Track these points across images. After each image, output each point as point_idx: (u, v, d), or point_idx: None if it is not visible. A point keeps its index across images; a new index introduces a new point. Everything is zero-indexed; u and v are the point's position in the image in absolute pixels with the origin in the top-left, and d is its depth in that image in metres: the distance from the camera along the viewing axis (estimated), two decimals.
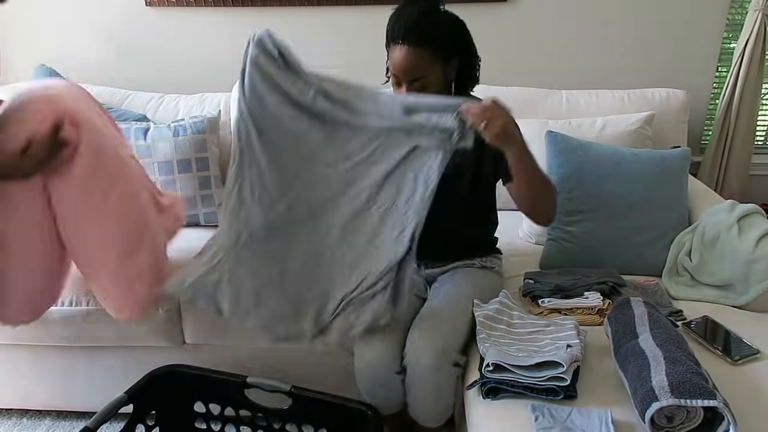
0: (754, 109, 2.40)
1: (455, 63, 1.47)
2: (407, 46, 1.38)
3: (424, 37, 1.38)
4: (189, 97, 2.33)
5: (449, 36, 1.42)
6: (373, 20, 2.37)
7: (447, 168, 1.44)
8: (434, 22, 1.40)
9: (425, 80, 1.41)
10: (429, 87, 1.42)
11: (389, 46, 1.44)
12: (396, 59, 1.41)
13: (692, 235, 1.77)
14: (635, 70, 2.42)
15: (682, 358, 1.14)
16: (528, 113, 2.15)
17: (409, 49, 1.38)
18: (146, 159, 2.04)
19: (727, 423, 1.02)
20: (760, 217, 1.72)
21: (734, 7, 2.40)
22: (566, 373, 1.20)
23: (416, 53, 1.38)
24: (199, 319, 1.73)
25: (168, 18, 2.44)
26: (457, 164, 1.55)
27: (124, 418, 1.57)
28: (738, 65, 2.33)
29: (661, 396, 1.05)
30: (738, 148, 2.43)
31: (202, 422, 1.67)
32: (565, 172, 1.86)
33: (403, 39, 1.38)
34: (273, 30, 1.41)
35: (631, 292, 1.60)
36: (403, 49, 1.39)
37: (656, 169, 1.85)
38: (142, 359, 1.76)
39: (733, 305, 1.57)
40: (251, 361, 1.76)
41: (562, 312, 1.54)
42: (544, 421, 1.15)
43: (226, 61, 2.48)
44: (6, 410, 1.95)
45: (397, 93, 1.46)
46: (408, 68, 1.40)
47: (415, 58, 1.39)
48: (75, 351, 1.80)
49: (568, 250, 1.82)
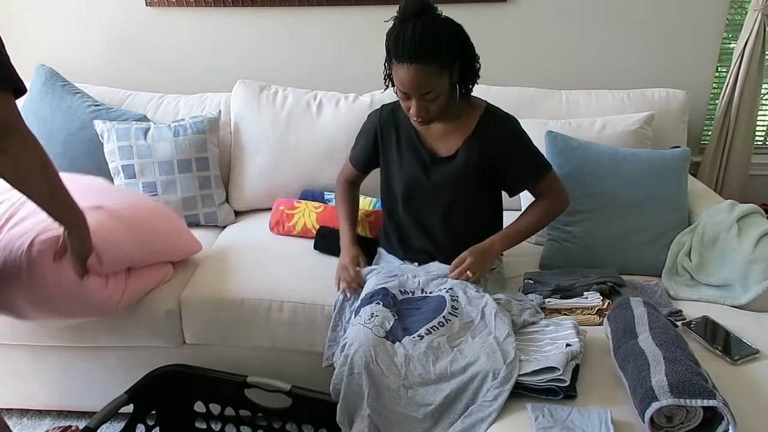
0: (753, 109, 2.40)
1: (458, 66, 1.48)
2: (414, 64, 1.38)
3: (430, 54, 1.38)
4: (189, 97, 2.33)
5: (451, 45, 1.43)
6: (373, 20, 2.38)
7: (454, 173, 1.58)
8: (437, 38, 1.39)
9: (435, 92, 1.43)
10: (439, 96, 1.44)
11: (392, 62, 1.43)
12: (404, 78, 1.40)
13: (692, 235, 1.77)
14: (635, 70, 2.42)
15: (682, 357, 1.14)
16: (528, 113, 2.15)
17: (417, 68, 1.38)
18: (146, 159, 2.04)
19: (726, 423, 1.02)
20: (759, 217, 1.72)
21: (734, 7, 2.40)
22: (564, 373, 1.20)
23: (424, 70, 1.39)
24: (199, 319, 1.73)
25: (168, 18, 2.44)
26: (463, 171, 1.56)
27: (125, 418, 1.57)
28: (738, 65, 2.33)
29: (660, 396, 1.05)
30: (738, 148, 2.43)
31: (202, 422, 1.67)
32: (565, 172, 1.86)
33: (410, 58, 1.37)
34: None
35: (631, 292, 1.60)
36: (411, 68, 1.38)
37: (656, 169, 1.86)
38: (142, 359, 1.76)
39: (733, 305, 1.57)
40: (251, 361, 1.76)
41: (562, 312, 1.54)
42: (544, 420, 1.15)
43: (226, 61, 2.50)
44: (6, 410, 1.95)
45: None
46: (419, 85, 1.41)
47: (423, 75, 1.39)
48: (75, 351, 1.80)
49: (567, 250, 1.82)
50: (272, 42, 2.45)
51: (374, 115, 1.69)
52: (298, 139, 2.18)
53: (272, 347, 1.74)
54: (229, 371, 1.60)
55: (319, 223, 1.95)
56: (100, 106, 2.20)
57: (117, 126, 2.07)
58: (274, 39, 2.45)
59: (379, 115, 1.67)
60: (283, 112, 2.21)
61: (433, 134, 1.61)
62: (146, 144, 2.05)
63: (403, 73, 1.40)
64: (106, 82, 2.39)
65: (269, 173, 2.20)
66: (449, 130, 1.59)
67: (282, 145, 2.18)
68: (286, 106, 2.22)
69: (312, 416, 1.55)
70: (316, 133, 2.18)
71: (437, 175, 1.59)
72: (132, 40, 2.47)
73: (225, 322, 1.72)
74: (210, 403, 1.65)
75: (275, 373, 1.59)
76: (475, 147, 1.56)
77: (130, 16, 2.44)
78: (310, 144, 2.17)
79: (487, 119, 1.57)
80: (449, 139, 1.59)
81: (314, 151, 2.17)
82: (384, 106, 1.70)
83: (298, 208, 2.00)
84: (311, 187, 2.19)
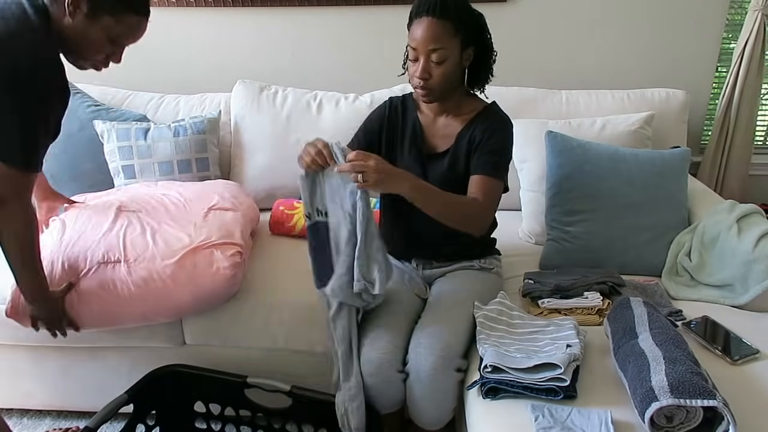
0: (753, 109, 2.40)
1: (471, 52, 1.51)
2: (431, 16, 1.43)
3: (448, 10, 1.43)
4: (189, 97, 2.33)
5: (470, 19, 1.48)
6: (374, 20, 2.39)
7: (445, 169, 1.53)
8: (458, 3, 1.45)
9: (443, 52, 1.45)
10: (445, 61, 1.46)
11: (411, 24, 1.47)
12: (418, 31, 1.45)
13: (692, 235, 1.77)
14: (635, 70, 2.42)
15: (682, 357, 1.14)
16: (528, 113, 2.15)
17: (432, 20, 1.43)
18: (146, 159, 2.04)
19: (726, 423, 1.02)
20: (759, 217, 1.72)
21: (734, 8, 2.40)
22: (565, 373, 1.20)
23: (439, 23, 1.43)
24: (199, 319, 1.72)
25: (168, 18, 2.44)
26: (452, 165, 1.56)
27: (125, 418, 1.57)
28: (737, 65, 2.33)
29: (660, 396, 1.05)
30: (738, 148, 2.43)
31: (202, 422, 1.67)
32: (565, 172, 1.86)
33: (428, 11, 1.43)
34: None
35: (631, 292, 1.60)
36: (426, 20, 1.43)
37: (656, 169, 1.85)
38: (142, 359, 1.76)
39: (733, 305, 1.57)
40: (251, 361, 1.76)
41: (562, 312, 1.54)
42: (544, 421, 1.15)
43: (226, 61, 2.49)
44: (6, 410, 1.95)
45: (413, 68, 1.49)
46: (429, 37, 1.44)
47: (437, 27, 1.43)
48: (75, 351, 1.80)
49: (567, 250, 1.82)
50: (272, 42, 2.45)
51: (383, 104, 1.69)
52: (298, 139, 2.17)
53: (272, 347, 1.74)
54: (229, 371, 1.60)
55: None
56: (100, 106, 2.20)
57: (117, 126, 2.07)
58: (275, 39, 2.45)
59: (389, 103, 1.68)
60: (283, 112, 2.21)
61: (436, 129, 1.60)
62: (146, 144, 2.05)
63: (418, 28, 1.44)
64: (106, 82, 2.38)
65: (269, 173, 2.20)
66: (450, 125, 1.59)
67: (282, 146, 2.18)
68: (286, 106, 2.22)
69: (312, 416, 1.55)
70: (316, 133, 2.14)
71: (432, 171, 1.58)
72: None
73: (225, 322, 1.72)
74: (210, 403, 1.65)
75: (275, 373, 1.59)
76: (464, 140, 1.56)
77: None
78: None
79: (482, 114, 1.57)
80: (449, 135, 1.59)
81: None
82: (393, 97, 1.70)
83: (298, 208, 2.00)
84: None
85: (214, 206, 1.82)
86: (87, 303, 1.57)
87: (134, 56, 2.48)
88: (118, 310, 1.59)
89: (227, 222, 1.76)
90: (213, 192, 1.90)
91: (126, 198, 1.83)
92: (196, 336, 1.75)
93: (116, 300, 1.57)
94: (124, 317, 1.62)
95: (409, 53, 1.51)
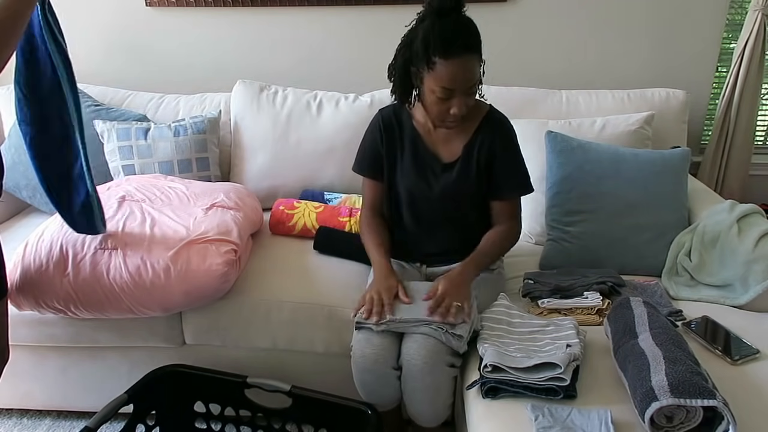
0: (753, 109, 2.39)
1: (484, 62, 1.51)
2: (467, 55, 1.38)
3: (473, 45, 1.40)
4: (189, 97, 2.33)
5: (479, 38, 1.45)
6: (374, 20, 2.39)
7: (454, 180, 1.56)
8: (474, 30, 1.42)
9: (476, 84, 1.45)
10: (476, 91, 1.47)
11: (431, 61, 1.38)
12: (455, 72, 1.38)
13: (692, 235, 1.77)
14: (635, 70, 2.42)
15: (682, 357, 1.14)
16: (528, 113, 2.15)
17: (468, 59, 1.38)
18: (147, 159, 2.04)
19: (726, 423, 1.02)
20: (759, 217, 1.72)
21: (734, 7, 2.40)
22: (565, 373, 1.20)
23: (471, 61, 1.40)
24: (199, 319, 1.73)
25: (168, 18, 2.44)
26: (463, 178, 1.56)
27: (124, 418, 1.57)
28: (738, 65, 2.33)
29: (660, 396, 1.05)
30: (738, 148, 2.43)
31: (202, 422, 1.67)
32: (565, 172, 1.86)
33: (465, 49, 1.38)
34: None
35: (631, 292, 1.60)
36: (462, 61, 1.38)
37: (656, 169, 1.85)
38: (142, 359, 1.76)
39: (733, 305, 1.57)
40: (251, 361, 1.76)
41: (562, 312, 1.54)
42: (544, 420, 1.15)
43: (226, 61, 2.50)
44: (6, 410, 1.95)
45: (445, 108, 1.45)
46: (470, 77, 1.41)
47: (474, 67, 1.41)
48: (75, 351, 1.80)
49: (567, 250, 1.82)
50: (272, 42, 2.45)
51: (375, 118, 1.65)
52: (298, 139, 2.18)
53: (272, 347, 1.74)
54: (229, 371, 1.60)
55: (319, 223, 1.95)
56: (100, 106, 2.20)
57: (117, 126, 2.07)
58: (274, 39, 2.45)
59: (381, 117, 1.63)
60: (283, 112, 2.21)
61: (436, 138, 1.59)
62: (146, 144, 2.05)
63: (453, 68, 1.37)
64: (106, 82, 2.39)
65: (269, 173, 2.20)
66: (452, 133, 1.57)
67: (282, 145, 2.18)
68: (286, 106, 2.22)
69: (312, 416, 1.55)
70: (316, 133, 2.18)
71: (440, 182, 1.58)
72: (132, 40, 2.47)
73: (225, 322, 1.72)
74: (210, 403, 1.65)
75: (275, 373, 1.59)
76: (474, 152, 1.55)
77: (130, 16, 2.44)
78: (310, 144, 2.17)
79: (487, 122, 1.57)
80: (451, 144, 1.58)
81: (314, 151, 2.17)
82: (382, 109, 1.65)
83: (298, 208, 2.00)
84: (311, 187, 2.19)
85: (217, 203, 1.83)
86: (80, 287, 1.60)
87: (134, 56, 2.51)
88: (108, 298, 1.60)
89: (227, 220, 1.77)
90: (219, 191, 1.92)
91: (132, 188, 1.88)
92: (196, 336, 1.75)
93: (108, 287, 1.59)
94: (112, 306, 1.62)
95: (436, 94, 1.41)
